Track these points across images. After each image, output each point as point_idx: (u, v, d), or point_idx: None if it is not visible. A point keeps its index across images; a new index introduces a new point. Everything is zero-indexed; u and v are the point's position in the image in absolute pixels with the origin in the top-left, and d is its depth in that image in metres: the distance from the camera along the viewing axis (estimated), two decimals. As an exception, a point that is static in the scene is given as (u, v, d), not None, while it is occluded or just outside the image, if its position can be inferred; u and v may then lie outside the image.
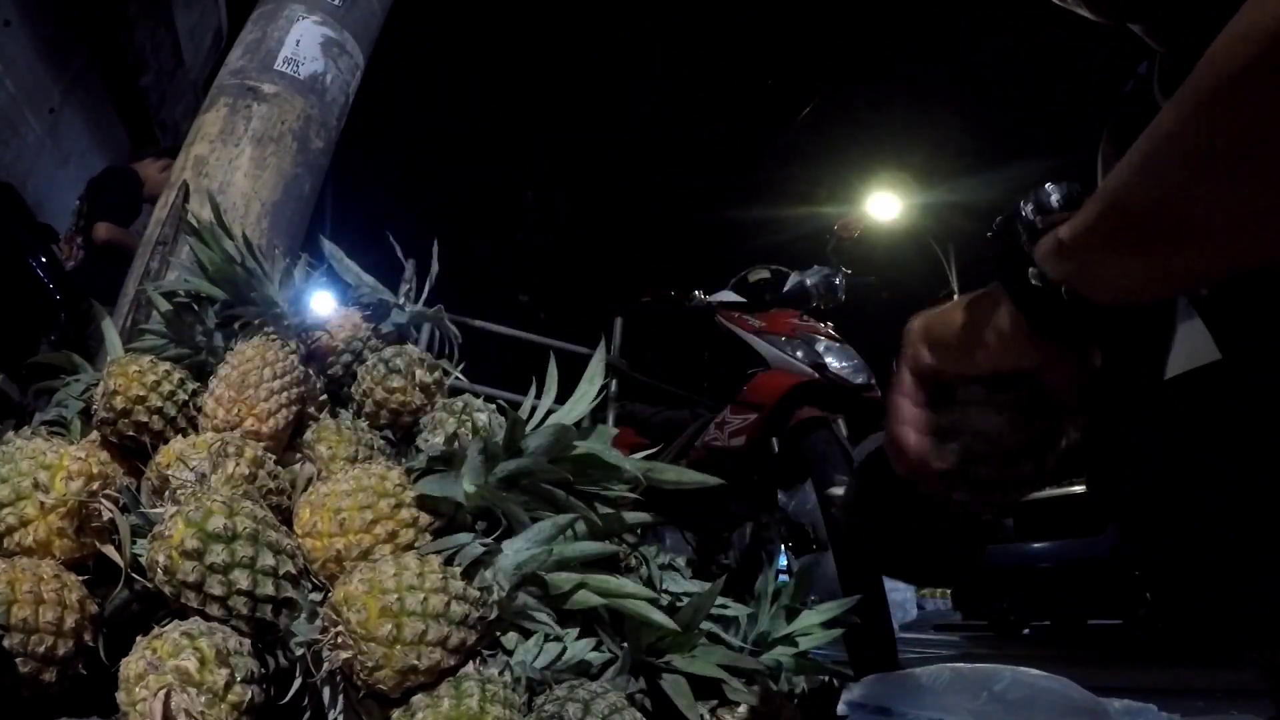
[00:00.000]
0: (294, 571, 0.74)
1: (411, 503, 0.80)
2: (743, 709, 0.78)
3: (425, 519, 0.80)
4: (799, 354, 2.53)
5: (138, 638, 0.66)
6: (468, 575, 0.74)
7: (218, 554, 0.68)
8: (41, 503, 0.73)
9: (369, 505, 0.78)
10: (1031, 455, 0.55)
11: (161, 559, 0.68)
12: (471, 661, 0.71)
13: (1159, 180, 0.44)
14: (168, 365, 0.99)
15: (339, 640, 0.67)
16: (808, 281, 2.81)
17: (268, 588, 0.70)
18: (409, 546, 0.78)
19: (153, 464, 0.89)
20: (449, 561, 0.74)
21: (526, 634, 0.77)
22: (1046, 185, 0.61)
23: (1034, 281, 0.50)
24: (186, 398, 0.98)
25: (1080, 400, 0.56)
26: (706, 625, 0.83)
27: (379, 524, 0.77)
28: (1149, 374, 0.84)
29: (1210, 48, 0.42)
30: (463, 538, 0.79)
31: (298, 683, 0.70)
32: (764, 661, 0.84)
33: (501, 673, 0.70)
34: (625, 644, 0.78)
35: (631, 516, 0.86)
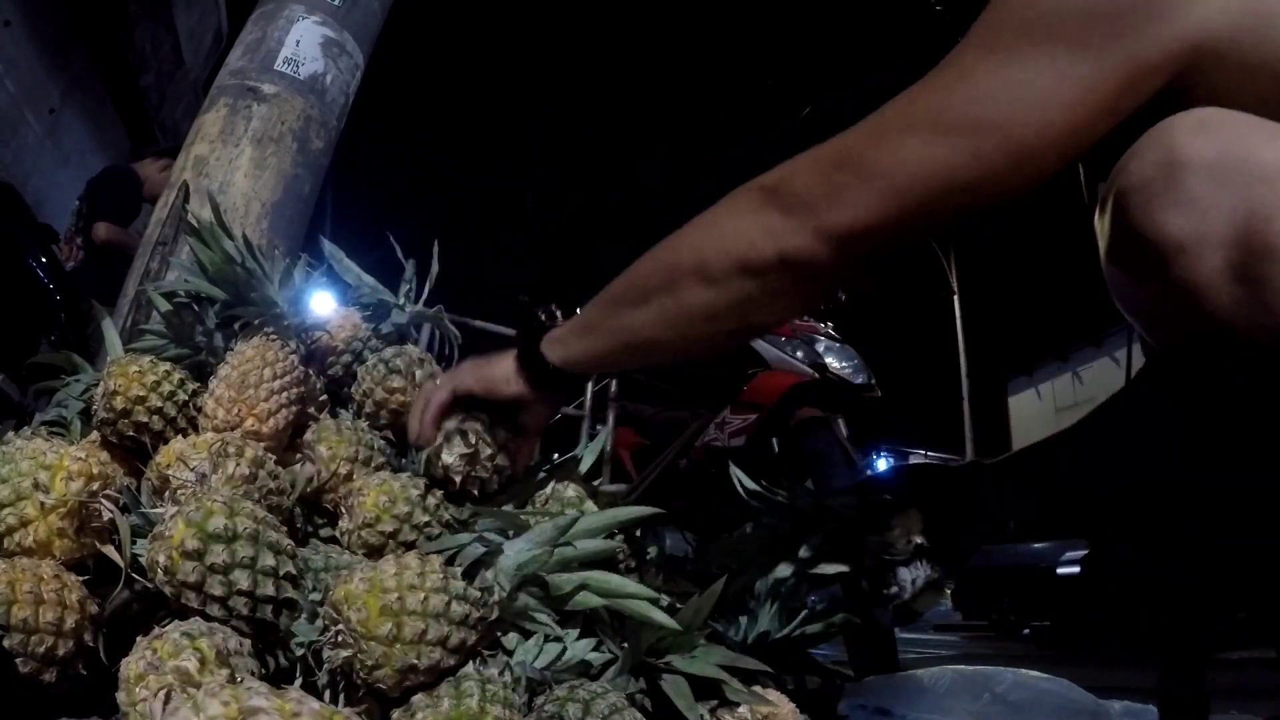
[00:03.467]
0: (294, 572, 0.74)
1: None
2: (743, 709, 0.78)
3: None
4: (799, 354, 2.53)
5: (138, 638, 0.66)
6: (468, 575, 0.74)
7: (218, 554, 0.68)
8: (41, 503, 0.73)
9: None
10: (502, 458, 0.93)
11: (162, 559, 0.68)
12: (471, 661, 0.71)
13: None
14: (168, 365, 0.99)
15: (339, 639, 0.67)
16: (808, 282, 2.80)
17: (268, 588, 0.70)
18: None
19: (153, 464, 0.89)
20: (450, 561, 0.74)
21: (527, 634, 0.77)
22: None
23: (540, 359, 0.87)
24: (186, 398, 0.98)
25: (541, 430, 0.98)
26: (706, 625, 0.83)
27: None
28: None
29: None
30: (464, 538, 0.79)
31: (298, 683, 0.70)
32: (764, 662, 0.83)
33: (501, 673, 0.70)
34: (625, 644, 0.78)
35: (633, 513, 0.86)
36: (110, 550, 0.75)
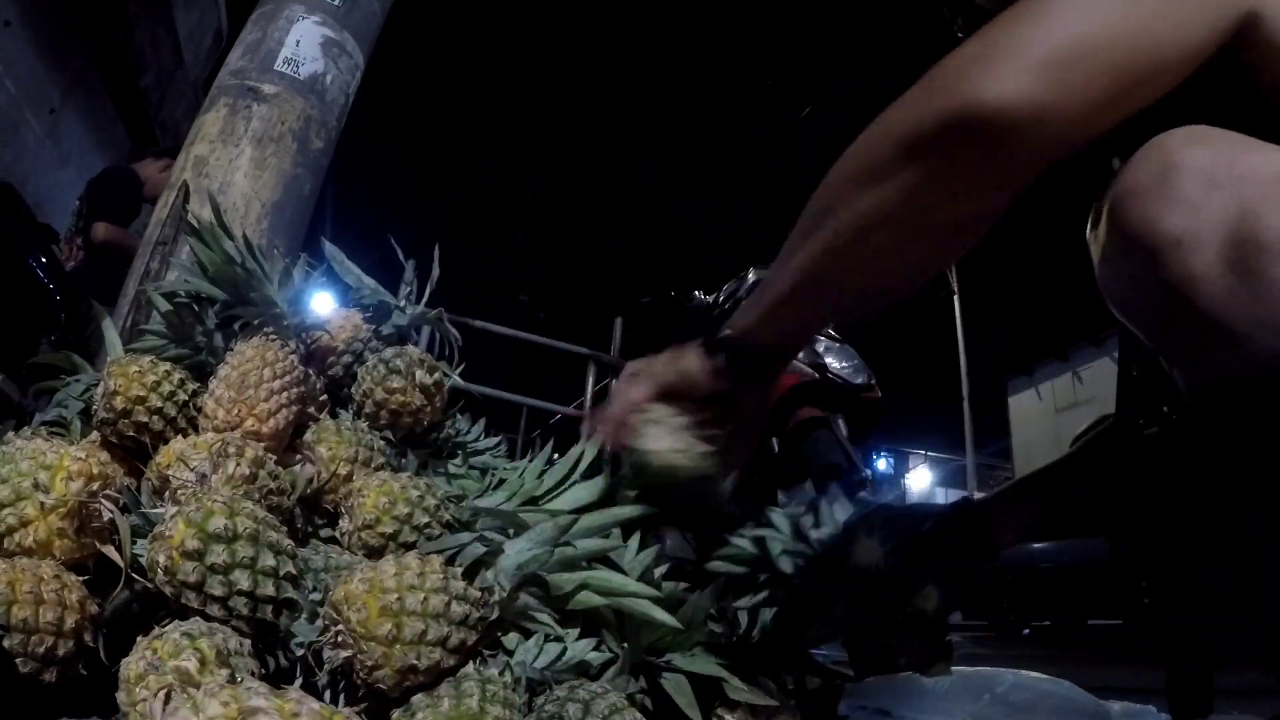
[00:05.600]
0: (294, 572, 0.74)
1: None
2: (743, 709, 0.77)
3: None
4: (799, 354, 2.53)
5: (138, 638, 0.66)
6: (469, 575, 0.74)
7: (218, 554, 0.68)
8: (42, 503, 0.73)
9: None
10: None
11: (162, 559, 0.68)
12: (471, 661, 0.71)
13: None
14: (168, 365, 0.99)
15: (339, 639, 0.67)
16: (808, 282, 2.80)
17: (268, 588, 0.70)
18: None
19: (153, 464, 0.89)
20: (450, 561, 0.74)
21: (527, 634, 0.77)
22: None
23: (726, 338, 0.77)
24: (187, 398, 0.98)
25: (757, 419, 0.84)
26: (706, 625, 0.83)
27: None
28: (1156, 390, 0.86)
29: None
30: (464, 537, 0.79)
31: (298, 683, 0.70)
32: (764, 662, 0.83)
33: (502, 673, 0.70)
34: (625, 644, 0.78)
35: (633, 512, 0.86)
36: (110, 550, 0.75)
